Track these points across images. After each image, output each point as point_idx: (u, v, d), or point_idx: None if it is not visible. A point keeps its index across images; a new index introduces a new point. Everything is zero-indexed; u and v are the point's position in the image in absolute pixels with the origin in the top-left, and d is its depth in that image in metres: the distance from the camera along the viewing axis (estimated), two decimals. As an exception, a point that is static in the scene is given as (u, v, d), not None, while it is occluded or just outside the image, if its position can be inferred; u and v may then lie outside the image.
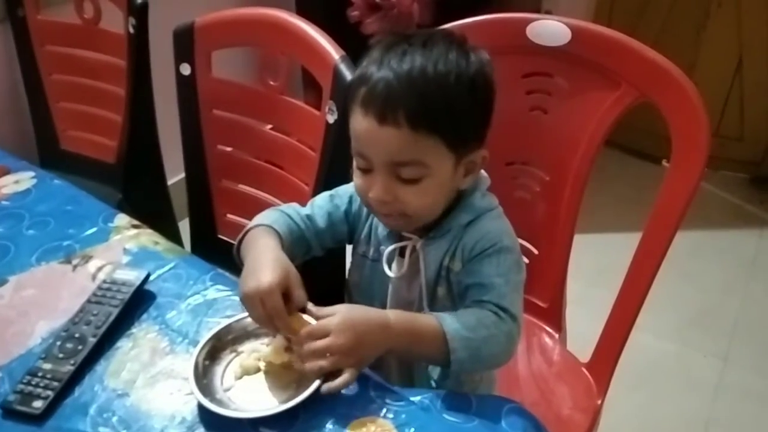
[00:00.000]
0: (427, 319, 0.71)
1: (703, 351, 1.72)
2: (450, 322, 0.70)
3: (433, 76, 0.67)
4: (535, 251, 1.09)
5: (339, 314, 0.67)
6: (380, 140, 0.68)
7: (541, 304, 1.12)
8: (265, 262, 0.71)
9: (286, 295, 0.69)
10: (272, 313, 0.67)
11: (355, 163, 0.73)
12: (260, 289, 0.68)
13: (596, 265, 1.63)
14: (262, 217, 0.81)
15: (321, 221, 0.83)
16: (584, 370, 1.05)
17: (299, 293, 0.70)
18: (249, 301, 0.69)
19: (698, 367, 1.68)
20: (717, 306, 1.86)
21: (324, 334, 0.66)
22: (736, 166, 2.30)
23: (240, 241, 0.79)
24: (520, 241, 1.08)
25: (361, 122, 0.69)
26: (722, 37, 2.17)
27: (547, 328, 1.12)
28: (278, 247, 0.74)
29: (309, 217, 0.83)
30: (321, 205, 0.84)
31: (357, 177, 0.74)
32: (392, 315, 0.70)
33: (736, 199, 2.25)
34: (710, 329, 1.78)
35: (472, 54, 0.71)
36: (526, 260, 1.09)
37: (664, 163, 2.17)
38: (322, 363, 0.66)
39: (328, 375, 0.66)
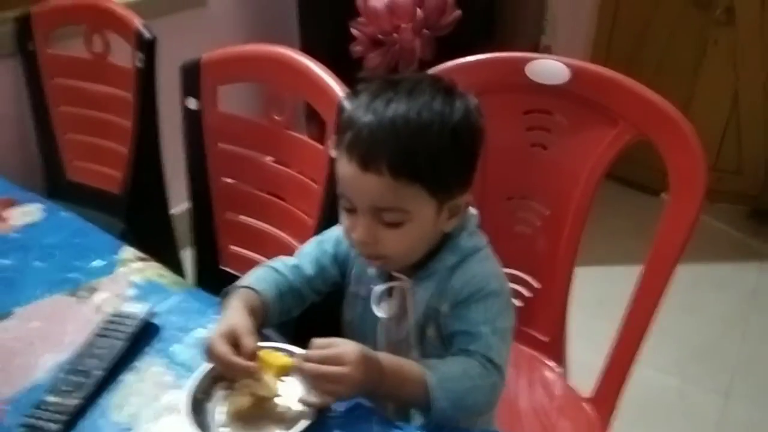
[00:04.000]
0: (413, 367, 0.72)
1: (704, 386, 1.71)
2: (434, 372, 0.71)
3: (415, 125, 0.68)
4: (536, 285, 1.10)
5: (354, 350, 0.68)
6: (363, 186, 0.70)
7: (542, 338, 1.12)
8: (217, 323, 0.75)
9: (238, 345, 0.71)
10: (220, 358, 0.70)
11: (340, 203, 0.75)
12: (206, 343, 0.72)
13: (596, 297, 1.63)
14: (247, 276, 0.83)
15: (309, 268, 0.84)
16: (586, 405, 1.05)
17: (245, 340, 0.71)
18: (205, 357, 0.72)
19: (700, 402, 1.66)
20: (718, 340, 1.85)
21: (338, 363, 0.67)
22: (734, 199, 2.32)
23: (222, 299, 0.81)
24: (521, 274, 1.10)
25: (345, 167, 0.71)
26: (719, 71, 2.21)
27: (549, 363, 1.12)
28: (239, 306, 0.76)
29: (296, 266, 0.84)
30: (308, 252, 0.86)
31: (343, 216, 0.76)
32: (383, 358, 0.71)
33: (735, 232, 2.26)
34: (711, 364, 1.77)
35: (457, 101, 0.72)
36: (527, 293, 1.10)
37: (663, 195, 2.18)
38: (327, 389, 0.67)
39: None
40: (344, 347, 0.68)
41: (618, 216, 2.14)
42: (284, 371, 0.71)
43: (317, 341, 0.69)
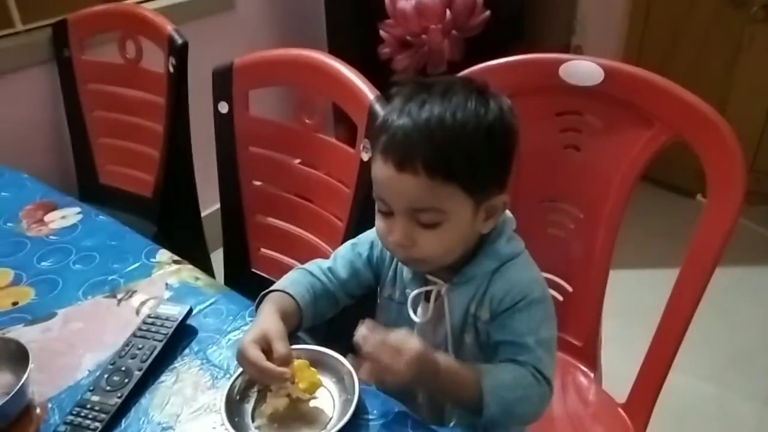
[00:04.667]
0: (469, 371, 0.72)
1: (741, 393, 1.67)
2: (489, 377, 0.71)
3: (450, 125, 0.68)
4: (570, 289, 1.09)
5: (413, 348, 0.68)
6: (399, 187, 0.70)
7: (576, 342, 1.11)
8: (250, 327, 0.76)
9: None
10: (252, 364, 0.70)
11: (377, 207, 0.75)
12: (238, 348, 0.73)
13: (630, 301, 1.60)
14: (282, 280, 0.84)
15: (343, 272, 0.85)
16: (621, 410, 1.03)
17: (277, 345, 0.71)
18: (238, 362, 0.73)
19: (737, 409, 1.63)
20: (755, 346, 1.81)
21: (395, 354, 0.67)
22: (772, 201, 2.26)
23: (258, 304, 0.82)
24: (554, 278, 1.09)
25: (381, 169, 0.71)
26: (755, 70, 2.15)
27: (583, 367, 1.11)
28: (272, 310, 0.77)
29: (331, 269, 0.85)
30: (343, 255, 0.86)
31: (378, 220, 0.75)
32: (442, 362, 0.71)
33: (773, 234, 2.21)
34: (749, 370, 1.73)
35: (491, 101, 0.72)
36: (560, 297, 1.09)
37: (699, 197, 2.14)
38: (380, 375, 0.68)
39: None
40: (406, 341, 0.68)
41: (652, 218, 2.11)
42: (313, 389, 0.72)
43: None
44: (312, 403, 0.72)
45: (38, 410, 0.73)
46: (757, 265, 2.05)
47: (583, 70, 0.97)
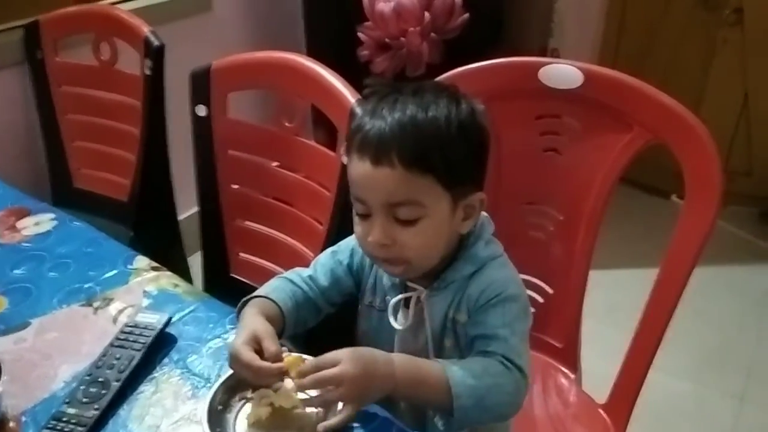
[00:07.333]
0: (432, 365, 0.72)
1: (719, 391, 1.70)
2: (455, 369, 0.71)
3: (423, 120, 0.70)
4: (550, 291, 1.10)
5: (348, 349, 0.69)
6: (376, 182, 0.70)
7: (556, 344, 1.12)
8: (237, 331, 0.76)
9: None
10: (247, 365, 0.70)
11: (354, 210, 0.75)
12: (231, 352, 0.72)
13: (608, 302, 1.62)
14: (264, 287, 0.83)
15: (324, 279, 0.84)
16: (601, 411, 1.04)
17: (267, 344, 0.71)
18: (231, 366, 0.73)
19: (714, 406, 1.65)
20: (731, 344, 1.84)
21: (333, 364, 0.67)
22: (745, 200, 2.31)
23: (239, 310, 0.81)
24: (535, 280, 1.09)
25: (357, 166, 0.71)
26: (728, 73, 2.20)
27: (563, 369, 1.12)
28: (256, 313, 0.76)
29: (311, 277, 0.84)
30: (323, 263, 0.86)
31: (356, 224, 0.75)
32: (397, 358, 0.71)
33: (745, 233, 2.25)
34: (725, 368, 1.76)
35: (462, 101, 0.73)
36: (540, 299, 1.10)
37: (674, 198, 2.18)
38: (332, 395, 0.67)
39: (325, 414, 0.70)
40: (336, 351, 0.68)
41: (627, 218, 2.13)
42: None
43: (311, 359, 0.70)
44: (296, 412, 0.71)
45: (12, 424, 0.71)
46: (730, 265, 2.09)
47: (562, 73, 0.98)
